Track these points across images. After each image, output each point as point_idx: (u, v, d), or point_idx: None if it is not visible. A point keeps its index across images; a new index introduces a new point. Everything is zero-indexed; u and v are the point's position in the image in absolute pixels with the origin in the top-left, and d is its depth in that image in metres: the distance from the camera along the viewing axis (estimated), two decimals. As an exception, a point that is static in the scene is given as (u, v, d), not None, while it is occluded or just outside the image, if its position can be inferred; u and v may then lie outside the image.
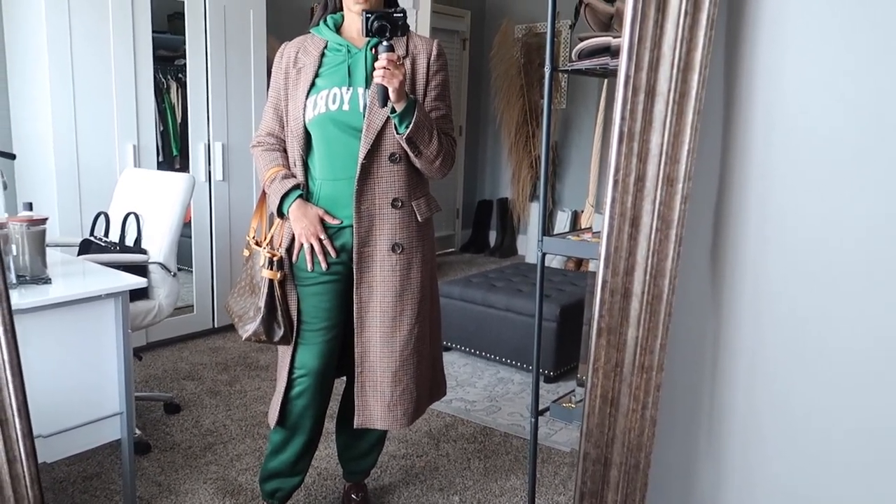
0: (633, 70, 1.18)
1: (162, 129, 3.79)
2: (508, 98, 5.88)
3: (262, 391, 3.09)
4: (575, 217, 5.70)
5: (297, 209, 1.83)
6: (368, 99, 1.77)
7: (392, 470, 2.45)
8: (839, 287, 1.22)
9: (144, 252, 2.68)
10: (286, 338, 1.87)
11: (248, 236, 1.96)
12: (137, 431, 2.47)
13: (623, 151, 1.21)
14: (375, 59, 1.64)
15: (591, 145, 5.65)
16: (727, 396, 1.37)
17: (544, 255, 1.92)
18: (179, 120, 3.88)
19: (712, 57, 1.19)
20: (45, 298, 1.85)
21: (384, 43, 1.62)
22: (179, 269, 2.77)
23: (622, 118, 1.20)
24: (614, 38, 1.71)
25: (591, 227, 2.28)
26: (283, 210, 1.85)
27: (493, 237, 6.49)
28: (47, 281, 1.97)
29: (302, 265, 1.87)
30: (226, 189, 3.83)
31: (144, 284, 2.08)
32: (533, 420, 2.01)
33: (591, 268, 4.89)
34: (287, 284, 1.88)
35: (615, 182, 1.22)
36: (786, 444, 1.31)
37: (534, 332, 1.96)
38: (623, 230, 1.24)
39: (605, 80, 2.24)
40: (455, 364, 3.53)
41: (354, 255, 1.83)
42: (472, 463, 2.52)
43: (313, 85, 1.82)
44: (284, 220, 1.87)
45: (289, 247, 1.88)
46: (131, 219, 2.77)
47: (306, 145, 1.85)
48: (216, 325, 3.87)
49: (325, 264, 1.84)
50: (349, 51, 1.82)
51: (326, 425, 2.11)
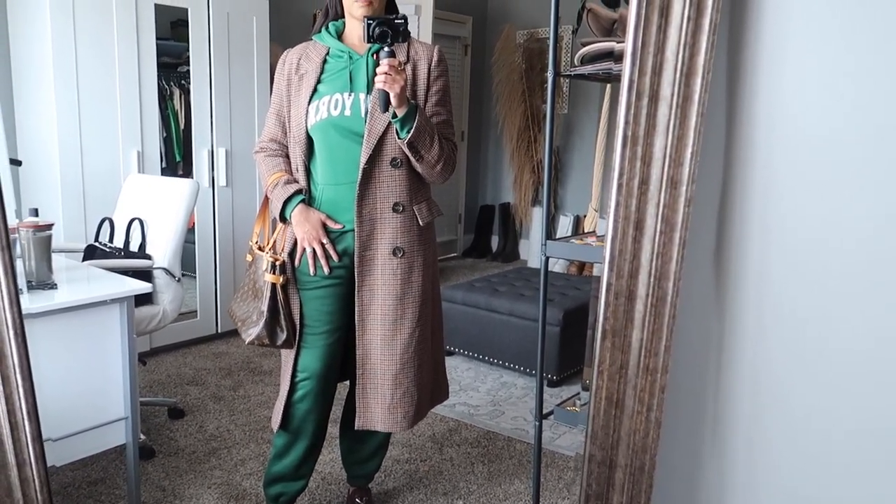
0: (637, 74, 1.19)
1: (165, 135, 3.81)
2: (510, 103, 5.89)
3: (266, 396, 3.09)
4: (577, 221, 5.71)
5: (299, 214, 1.84)
6: (370, 104, 1.78)
7: (396, 474, 2.46)
8: (842, 289, 1.23)
9: (149, 257, 2.69)
10: (289, 341, 1.88)
11: (251, 241, 1.97)
12: (142, 436, 2.47)
13: (627, 155, 1.22)
14: (377, 64, 1.66)
15: (593, 150, 5.66)
16: (731, 398, 1.38)
17: (548, 258, 1.93)
18: (183, 126, 3.90)
19: (715, 61, 1.20)
20: (52, 303, 1.86)
21: (385, 49, 1.63)
22: (183, 275, 2.78)
23: (626, 122, 1.21)
24: (618, 42, 1.73)
25: (594, 231, 2.28)
26: (286, 215, 1.86)
27: (495, 242, 6.49)
28: (53, 286, 1.98)
29: (304, 269, 1.88)
30: (229, 194, 3.84)
31: (149, 290, 2.09)
32: (537, 424, 2.02)
33: (594, 272, 4.90)
34: (289, 288, 1.89)
35: (619, 185, 1.23)
36: (789, 445, 1.32)
37: (537, 336, 1.96)
38: (627, 233, 1.25)
39: (608, 85, 2.25)
40: (458, 368, 3.53)
41: (356, 259, 1.84)
42: (476, 467, 2.52)
43: (315, 91, 1.84)
44: (287, 224, 1.88)
45: (291, 251, 1.89)
46: (136, 224, 2.78)
47: (308, 150, 1.87)
48: (220, 331, 3.88)
49: (328, 268, 1.86)
50: (351, 57, 1.84)
51: (330, 429, 2.12)
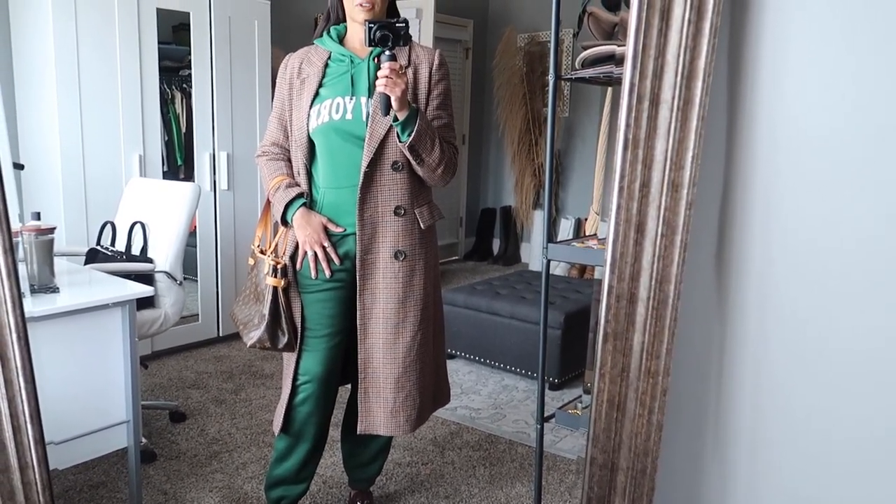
0: (638, 78, 1.19)
1: (167, 139, 3.81)
2: (511, 107, 5.90)
3: (268, 399, 3.09)
4: (578, 224, 5.71)
5: (300, 217, 1.85)
6: (371, 108, 1.79)
7: (397, 478, 2.46)
8: (844, 291, 1.23)
9: (150, 261, 2.70)
10: (290, 345, 1.88)
11: (253, 245, 1.97)
12: (143, 440, 2.48)
13: (628, 158, 1.22)
14: (378, 68, 1.67)
15: (594, 153, 5.67)
16: (733, 401, 1.38)
17: (549, 261, 1.93)
18: (184, 130, 3.90)
19: (715, 64, 1.21)
20: (55, 307, 1.87)
21: (386, 52, 1.64)
22: (185, 279, 2.79)
23: (627, 125, 1.21)
24: (619, 46, 1.73)
25: (595, 234, 2.28)
26: (287, 218, 1.86)
27: (496, 245, 6.49)
28: (55, 290, 1.98)
29: (306, 272, 1.89)
30: (231, 198, 3.84)
31: (151, 293, 2.10)
32: (539, 426, 2.02)
33: (596, 275, 4.89)
34: (291, 291, 1.90)
35: (620, 188, 1.24)
36: (791, 448, 1.32)
37: (538, 339, 1.96)
38: (629, 236, 1.25)
39: (610, 89, 2.25)
40: (460, 371, 3.53)
41: (357, 263, 1.84)
42: (478, 470, 2.52)
43: (317, 95, 1.84)
44: (288, 228, 1.89)
45: (293, 254, 1.89)
46: (137, 228, 2.78)
47: (310, 154, 1.87)
48: (221, 334, 3.88)
49: (329, 271, 1.86)
50: (352, 61, 1.84)
51: (331, 433, 2.12)
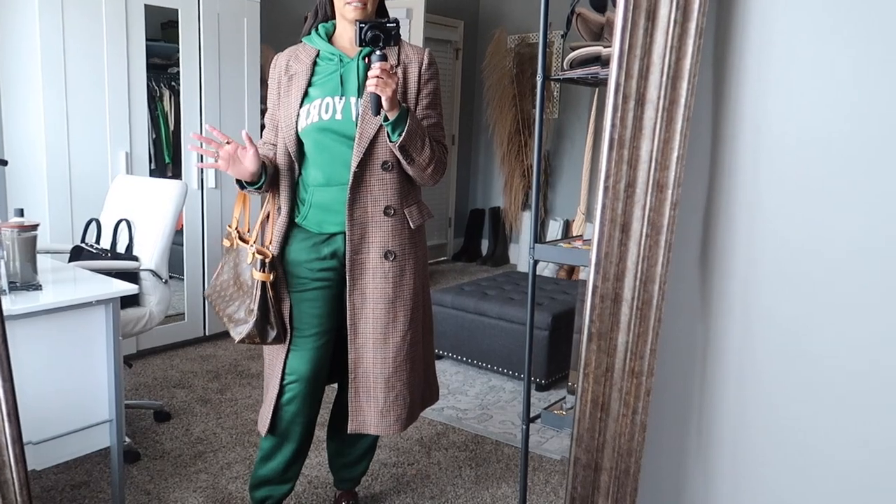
0: (624, 78, 1.19)
1: (155, 136, 3.79)
2: (501, 108, 5.90)
3: (254, 399, 3.07)
4: (567, 226, 5.72)
5: None
6: (361, 108, 1.78)
7: (383, 478, 2.45)
8: (828, 294, 1.23)
9: (136, 259, 2.68)
10: (279, 338, 1.87)
11: (230, 226, 1.94)
12: (127, 439, 2.45)
13: (613, 158, 1.22)
14: (368, 68, 1.66)
15: (582, 154, 5.68)
16: (716, 402, 1.38)
17: (536, 262, 1.93)
18: (172, 128, 3.88)
19: (701, 65, 1.21)
20: (35, 305, 1.85)
21: (377, 52, 1.63)
22: (171, 277, 2.77)
23: (613, 125, 1.21)
24: (605, 47, 1.73)
25: (582, 235, 2.29)
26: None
27: (485, 246, 6.50)
28: (38, 287, 1.96)
29: (295, 270, 1.88)
30: (218, 196, 3.82)
31: (135, 291, 2.08)
32: (524, 427, 2.02)
33: (581, 276, 4.90)
34: (279, 285, 1.89)
35: (606, 188, 1.24)
36: (774, 450, 1.32)
37: (525, 340, 1.96)
38: (613, 236, 1.25)
39: (597, 90, 2.26)
40: (447, 372, 3.53)
41: (347, 263, 1.83)
42: (464, 471, 2.52)
43: (306, 94, 1.83)
44: (268, 217, 1.89)
45: (281, 245, 1.88)
46: (123, 226, 2.76)
47: (299, 153, 1.86)
48: (207, 333, 3.85)
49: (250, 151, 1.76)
50: (341, 60, 1.83)
51: (317, 433, 2.11)
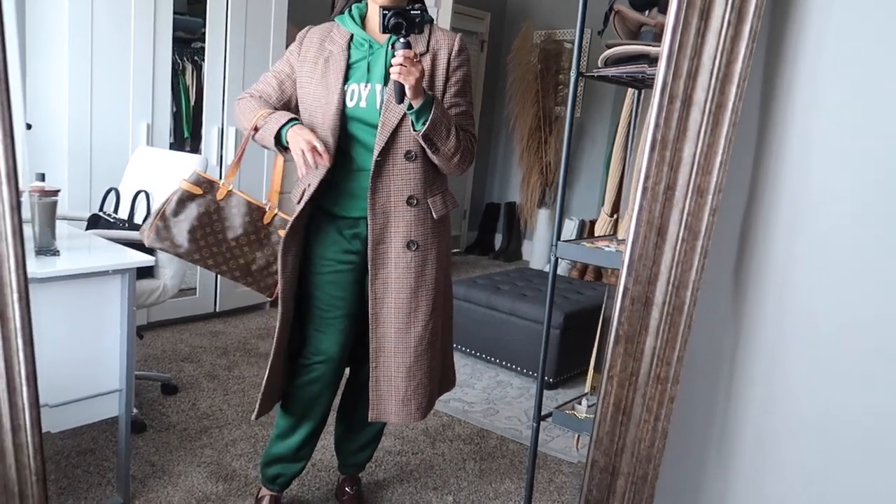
0: (671, 77, 1.17)
1: (175, 110, 3.77)
2: (523, 103, 5.87)
3: (261, 378, 3.05)
4: (582, 226, 5.69)
5: (294, 132, 1.75)
6: (385, 96, 1.76)
7: (387, 465, 2.44)
8: (870, 315, 1.20)
9: (153, 231, 2.66)
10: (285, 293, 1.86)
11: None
12: (134, 410, 2.45)
13: (655, 159, 1.20)
14: (394, 55, 1.64)
15: (603, 155, 5.65)
16: (741, 415, 1.36)
17: (557, 259, 1.91)
18: (193, 103, 3.87)
19: (752, 70, 1.18)
20: (57, 269, 1.84)
21: (401, 40, 1.61)
22: (186, 251, 2.76)
23: (656, 125, 1.19)
24: (646, 46, 1.70)
25: (606, 235, 2.26)
26: (283, 133, 1.77)
27: (498, 240, 6.48)
28: (55, 253, 1.95)
29: (319, 250, 1.86)
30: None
31: (152, 262, 2.07)
32: (534, 425, 2.00)
33: (605, 279, 4.89)
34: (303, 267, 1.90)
35: (644, 189, 1.21)
36: (800, 471, 1.30)
37: (536, 337, 1.95)
38: (649, 238, 1.22)
39: (632, 90, 2.22)
40: (455, 364, 3.51)
41: (369, 252, 1.81)
42: (468, 464, 2.51)
43: (346, 78, 1.80)
44: (284, 151, 1.81)
45: (306, 225, 1.86)
46: (141, 197, 2.75)
47: (340, 132, 1.79)
48: (218, 310, 3.86)
49: (324, 160, 1.73)
50: (371, 46, 1.81)
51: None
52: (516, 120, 5.97)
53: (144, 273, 2.58)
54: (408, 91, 1.63)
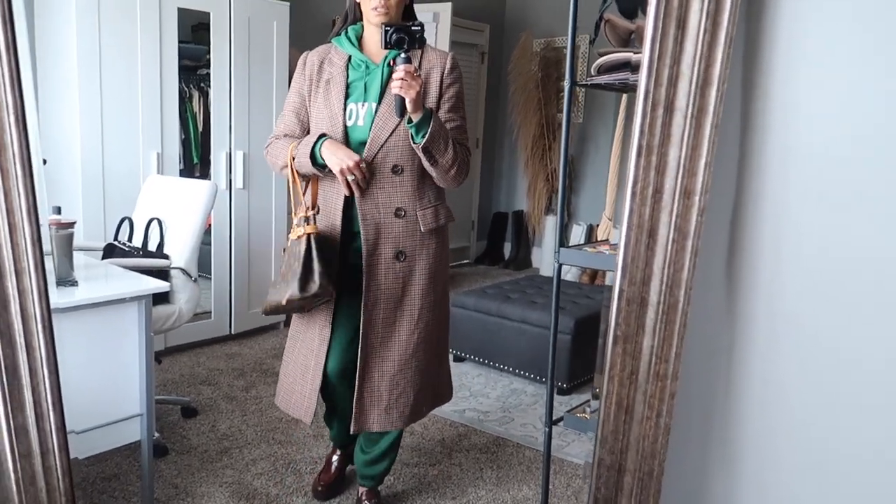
0: (653, 85, 1.21)
1: (184, 137, 3.85)
2: (526, 111, 5.92)
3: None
4: (590, 230, 5.72)
5: (328, 147, 1.81)
6: (379, 112, 1.84)
7: (405, 478, 2.48)
8: (854, 302, 1.24)
9: (166, 257, 2.73)
10: (324, 290, 1.84)
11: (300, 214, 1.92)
12: (156, 434, 2.51)
13: (641, 164, 1.24)
14: (392, 72, 1.71)
15: (607, 159, 5.67)
16: (740, 407, 1.39)
17: (561, 265, 1.95)
18: (201, 129, 3.95)
19: (730, 73, 1.22)
20: (77, 299, 1.90)
21: (402, 55, 1.68)
22: (199, 276, 2.82)
23: (641, 132, 1.23)
24: (634, 53, 1.75)
25: (607, 239, 2.30)
26: (316, 153, 1.83)
27: (507, 249, 6.51)
28: (74, 283, 2.02)
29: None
30: (245, 197, 3.88)
31: (167, 288, 2.13)
32: (547, 430, 2.03)
33: (606, 281, 4.90)
34: (324, 244, 1.88)
35: (633, 194, 1.25)
36: (798, 454, 1.33)
37: (547, 343, 1.98)
38: (640, 241, 1.27)
39: (625, 95, 2.27)
40: (468, 374, 3.55)
41: (364, 264, 1.88)
42: (485, 472, 2.54)
43: (347, 95, 1.88)
44: (322, 170, 1.84)
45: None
46: (154, 224, 2.82)
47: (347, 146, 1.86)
48: (233, 332, 3.91)
49: (364, 182, 1.81)
50: (367, 67, 1.88)
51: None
52: (520, 128, 6.02)
53: (160, 299, 2.64)
54: (408, 104, 1.70)
